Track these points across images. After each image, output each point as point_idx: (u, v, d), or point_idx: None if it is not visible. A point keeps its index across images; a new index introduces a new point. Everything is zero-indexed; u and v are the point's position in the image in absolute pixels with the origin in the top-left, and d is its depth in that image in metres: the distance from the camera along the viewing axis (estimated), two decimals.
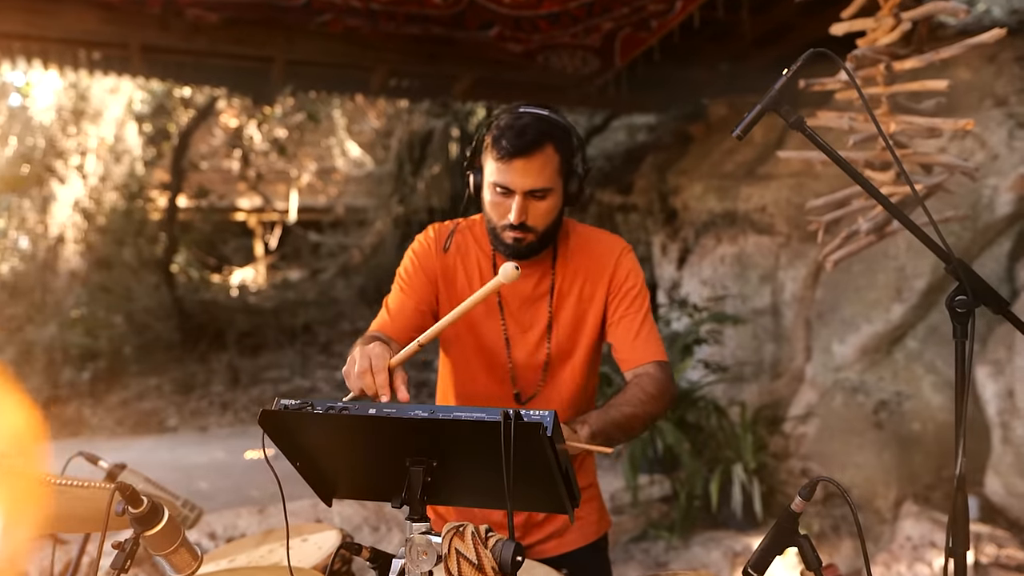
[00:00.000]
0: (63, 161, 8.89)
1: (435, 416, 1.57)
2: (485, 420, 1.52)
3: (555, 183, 1.94)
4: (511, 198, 1.93)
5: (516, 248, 1.99)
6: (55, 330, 8.60)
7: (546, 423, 1.53)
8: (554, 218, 1.99)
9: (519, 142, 1.88)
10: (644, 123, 9.62)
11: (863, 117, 2.94)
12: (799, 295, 5.77)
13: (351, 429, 1.69)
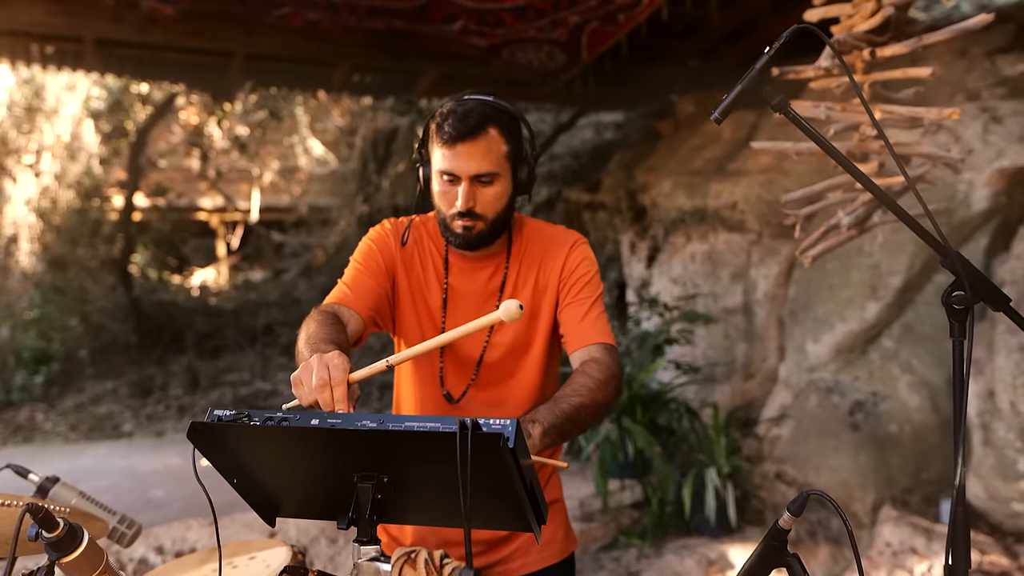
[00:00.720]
0: (16, 159, 8.62)
1: (384, 427, 1.46)
2: (440, 431, 1.41)
3: (502, 168, 1.89)
4: (458, 185, 1.88)
5: (466, 237, 1.93)
6: (7, 332, 8.33)
7: (507, 433, 1.42)
8: (504, 205, 1.93)
9: (461, 125, 1.84)
10: (612, 121, 9.54)
11: (840, 106, 2.82)
12: (771, 293, 5.67)
13: (292, 442, 1.58)
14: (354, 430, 1.42)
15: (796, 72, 2.86)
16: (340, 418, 1.45)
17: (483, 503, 1.52)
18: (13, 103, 8.49)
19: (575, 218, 8.40)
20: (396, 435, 1.40)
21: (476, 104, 1.88)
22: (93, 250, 8.82)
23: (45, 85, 8.77)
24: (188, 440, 1.48)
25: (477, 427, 1.41)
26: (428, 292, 2.05)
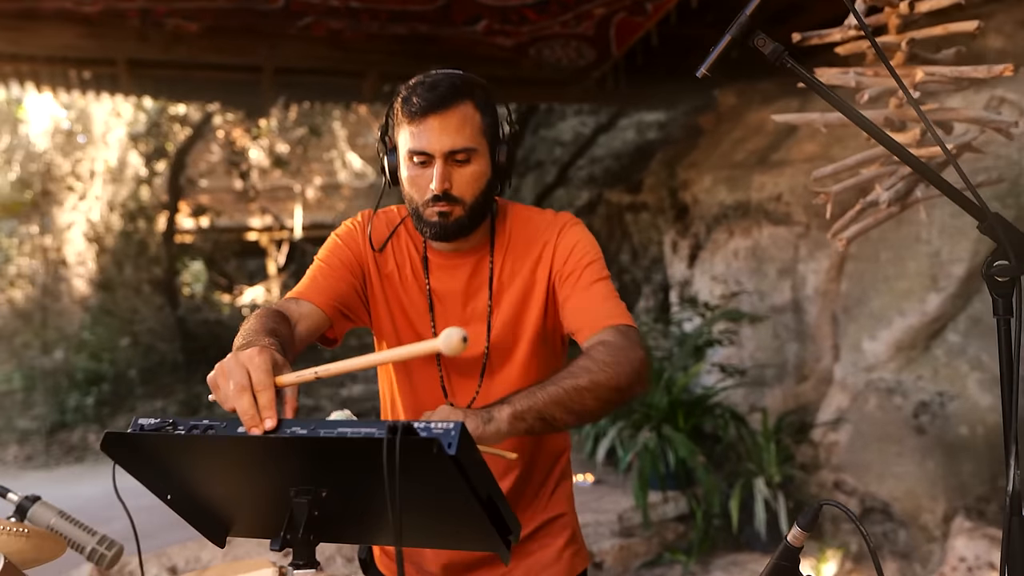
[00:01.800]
0: (63, 184, 8.77)
1: (315, 434, 1.27)
2: (374, 436, 1.23)
3: (479, 144, 1.68)
4: (430, 166, 1.66)
5: (443, 225, 1.69)
6: (62, 355, 8.45)
7: (447, 439, 1.23)
8: (483, 187, 1.71)
9: (431, 95, 1.63)
10: (655, 120, 9.29)
11: (872, 71, 2.54)
12: (822, 289, 5.33)
13: (222, 454, 1.43)
14: (281, 438, 1.28)
15: (820, 36, 2.59)
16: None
17: (440, 519, 1.37)
18: (59, 130, 8.66)
19: (617, 221, 8.17)
20: (327, 443, 1.24)
21: (446, 75, 1.69)
22: (139, 271, 8.90)
23: (89, 111, 8.91)
24: (103, 451, 1.34)
25: (411, 431, 1.23)
26: (406, 296, 1.84)
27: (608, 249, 8.44)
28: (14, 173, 8.75)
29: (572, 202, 9.65)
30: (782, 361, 5.43)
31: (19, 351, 8.49)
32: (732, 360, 5.38)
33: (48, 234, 8.87)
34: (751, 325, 5.38)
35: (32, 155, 8.77)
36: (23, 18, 5.32)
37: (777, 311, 5.48)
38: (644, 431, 4.60)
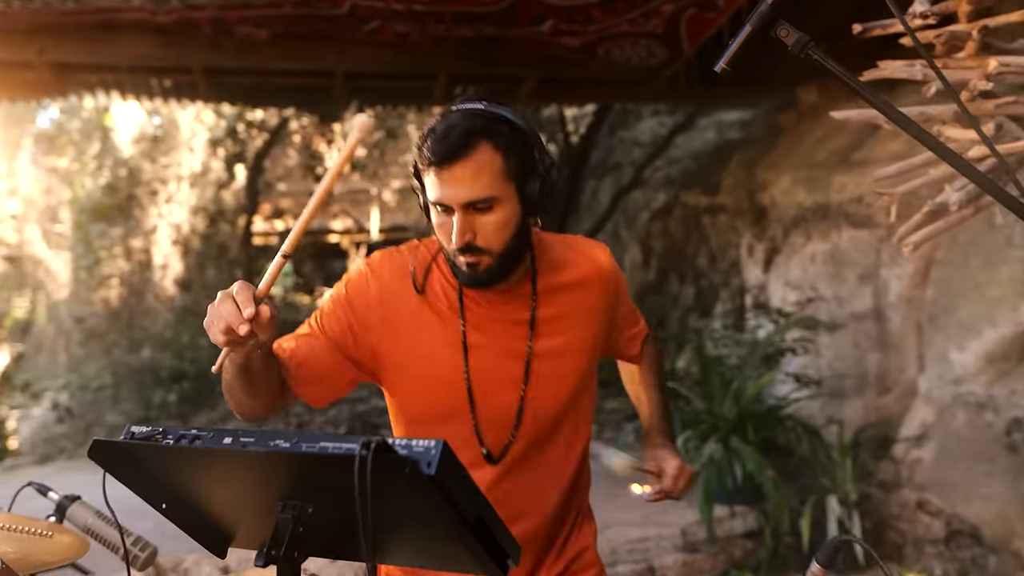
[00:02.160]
0: (149, 189, 9.08)
1: (295, 448, 1.22)
2: (350, 453, 1.15)
3: (501, 190, 1.55)
4: (452, 215, 1.56)
5: (472, 275, 1.61)
6: (148, 353, 8.74)
7: (426, 459, 1.16)
8: (512, 233, 1.59)
9: (442, 147, 1.52)
10: (736, 119, 9.01)
11: (942, 62, 2.36)
12: (906, 295, 5.05)
13: (211, 465, 1.40)
14: (259, 452, 1.24)
15: (884, 27, 2.42)
16: (254, 437, 1.26)
17: (424, 540, 1.33)
18: (144, 136, 8.97)
19: (694, 223, 7.96)
20: (304, 458, 1.20)
21: (460, 117, 1.55)
22: (220, 273, 9.13)
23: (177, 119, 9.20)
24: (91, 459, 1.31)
25: (387, 449, 1.16)
26: (436, 338, 1.69)
27: (685, 252, 8.23)
28: (104, 178, 9.10)
29: (648, 204, 9.46)
30: (862, 372, 5.15)
31: (109, 349, 8.80)
32: (808, 370, 5.13)
33: (135, 237, 9.19)
34: (829, 333, 5.13)
35: (120, 161, 9.09)
36: (102, 29, 5.48)
37: (857, 319, 5.21)
38: (711, 442, 4.42)
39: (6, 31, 5.31)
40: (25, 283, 9.64)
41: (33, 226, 9.22)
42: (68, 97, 6.70)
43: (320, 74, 6.60)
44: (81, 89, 6.49)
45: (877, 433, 4.81)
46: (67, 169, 9.41)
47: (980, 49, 2.33)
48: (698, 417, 4.63)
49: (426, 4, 5.29)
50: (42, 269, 9.32)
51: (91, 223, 9.12)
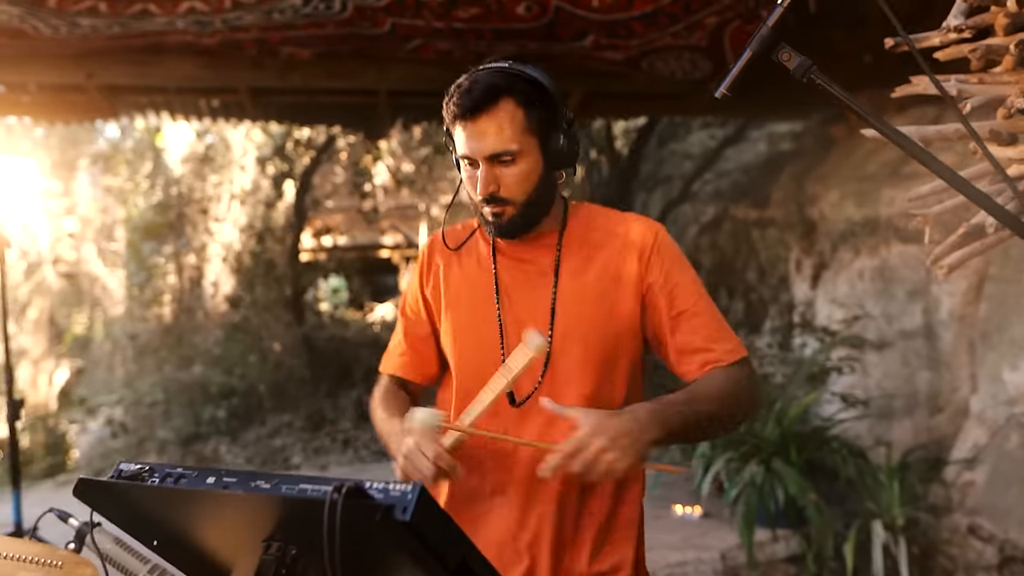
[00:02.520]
0: (199, 207, 9.25)
1: (274, 490, 1.23)
2: (316, 497, 1.16)
3: (523, 142, 1.66)
4: (478, 167, 1.68)
5: (497, 225, 1.72)
6: (199, 369, 8.87)
7: (402, 504, 1.15)
8: (535, 184, 1.69)
9: (466, 100, 1.64)
10: (788, 131, 8.83)
11: (976, 78, 2.26)
12: (959, 313, 4.87)
13: (197, 505, 1.40)
14: (234, 495, 1.23)
15: (917, 41, 2.33)
16: (236, 477, 1.24)
17: None
18: (194, 155, 9.15)
19: (744, 237, 7.82)
20: (283, 501, 1.18)
21: (485, 74, 1.67)
22: (269, 290, 9.25)
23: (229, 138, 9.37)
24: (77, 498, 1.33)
25: (359, 493, 1.14)
26: (476, 287, 1.82)
27: (734, 266, 8.09)
28: (156, 197, 9.30)
29: (697, 218, 9.33)
30: (912, 391, 4.99)
31: (161, 365, 8.97)
32: (856, 389, 4.99)
33: (186, 255, 9.37)
34: (878, 352, 4.98)
35: (171, 180, 9.29)
36: (149, 52, 5.58)
37: (907, 336, 5.04)
38: (752, 464, 4.31)
39: (56, 56, 5.45)
40: (83, 300, 9.90)
41: (90, 244, 9.47)
42: (119, 119, 6.87)
43: (364, 92, 6.65)
44: (131, 110, 6.63)
45: (927, 455, 4.65)
46: (121, 188, 9.65)
47: (1017, 64, 2.22)
48: (739, 438, 4.52)
49: (466, 21, 5.29)
50: (99, 286, 9.56)
51: (143, 241, 9.35)
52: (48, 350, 9.89)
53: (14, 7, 4.51)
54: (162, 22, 4.98)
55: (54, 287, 9.61)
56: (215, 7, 4.82)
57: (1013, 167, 2.23)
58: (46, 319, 9.87)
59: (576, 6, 5.07)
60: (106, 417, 8.61)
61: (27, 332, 9.67)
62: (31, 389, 9.39)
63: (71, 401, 9.45)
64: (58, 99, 6.21)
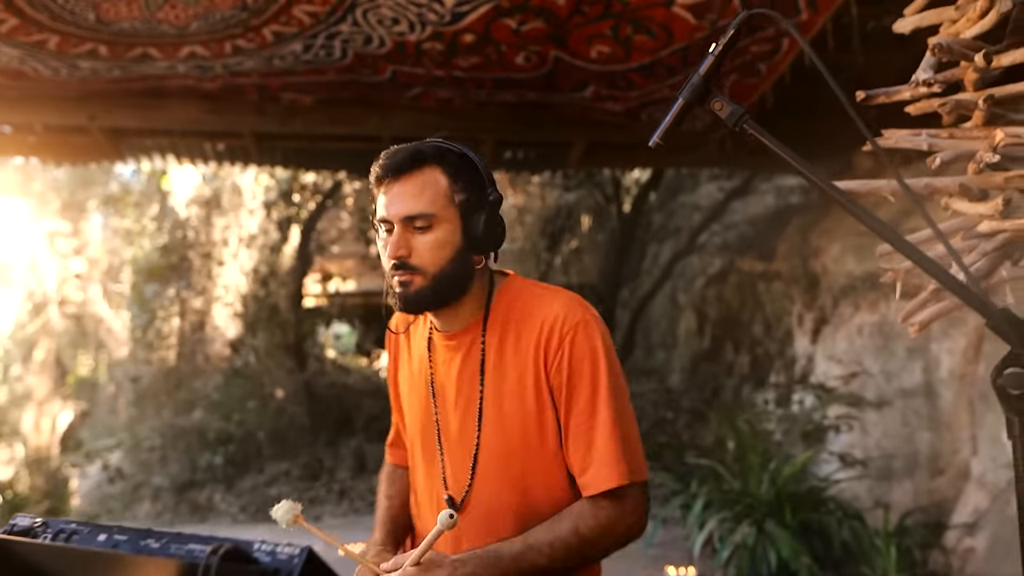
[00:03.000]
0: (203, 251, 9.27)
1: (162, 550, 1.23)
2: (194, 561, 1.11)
3: (443, 211, 1.59)
4: (392, 233, 1.61)
5: (404, 295, 1.60)
6: (199, 414, 8.81)
7: (287, 568, 1.11)
8: (448, 256, 1.60)
9: (390, 162, 1.64)
10: (797, 184, 8.79)
11: (947, 132, 2.21)
12: (959, 372, 4.75)
13: (90, 564, 1.32)
14: (123, 556, 1.18)
15: (888, 95, 2.29)
16: (127, 535, 1.21)
17: None
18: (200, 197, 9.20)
19: (749, 291, 7.74)
20: (166, 563, 1.14)
21: (416, 143, 1.67)
22: (271, 335, 9.21)
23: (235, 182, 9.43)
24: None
25: (241, 557, 1.09)
26: (416, 384, 1.79)
27: (740, 319, 8.00)
28: (161, 239, 9.35)
29: (705, 269, 9.28)
30: (912, 452, 4.84)
31: (160, 409, 8.92)
32: (855, 449, 4.85)
33: (188, 298, 9.38)
34: (877, 410, 4.85)
35: (177, 223, 9.34)
36: (151, 96, 5.63)
37: (906, 395, 4.92)
38: (744, 525, 4.18)
39: (57, 98, 5.51)
40: (88, 341, 9.91)
41: (96, 285, 9.51)
42: (125, 160, 6.91)
43: (367, 138, 6.66)
44: (137, 153, 6.69)
45: (926, 519, 4.49)
46: (128, 230, 9.71)
47: (987, 119, 2.17)
48: (733, 498, 4.40)
49: (466, 70, 5.30)
50: (103, 328, 9.57)
51: (146, 283, 9.36)
52: (53, 391, 9.87)
53: (14, 49, 4.57)
54: (163, 66, 5.02)
55: (60, 328, 9.61)
56: (216, 52, 4.87)
57: (984, 223, 2.17)
58: (52, 360, 9.87)
59: (575, 57, 5.08)
60: (103, 462, 8.54)
61: (33, 373, 9.66)
62: (34, 432, 9.34)
63: (72, 444, 9.41)
64: (63, 140, 6.28)
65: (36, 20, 4.31)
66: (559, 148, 6.93)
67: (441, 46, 4.84)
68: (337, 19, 4.57)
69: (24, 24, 4.34)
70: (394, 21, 4.56)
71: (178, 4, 4.29)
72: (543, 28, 4.62)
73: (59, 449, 9.49)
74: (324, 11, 4.45)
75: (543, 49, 4.94)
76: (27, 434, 8.96)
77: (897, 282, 2.27)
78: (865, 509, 4.55)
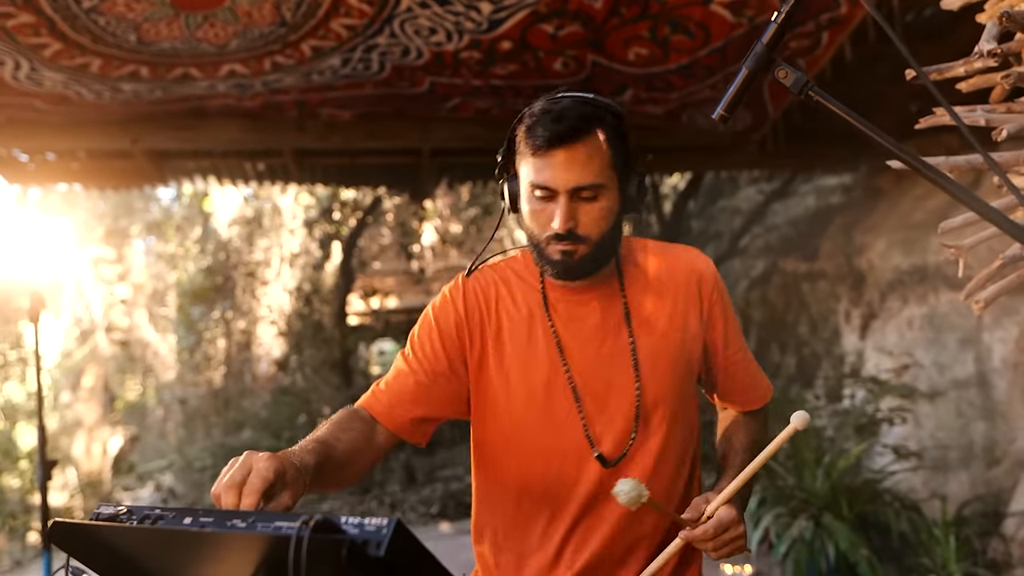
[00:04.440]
0: (247, 271, 9.40)
1: (250, 528, 1.18)
2: (287, 534, 1.09)
3: (608, 179, 1.55)
4: (554, 201, 1.54)
5: (566, 264, 1.57)
6: (248, 433, 8.89)
7: (376, 539, 1.10)
8: (610, 224, 1.58)
9: (558, 127, 1.51)
10: (838, 184, 8.72)
11: (1004, 107, 2.18)
12: (1012, 360, 4.66)
13: (176, 546, 1.35)
14: (218, 533, 1.18)
15: (940, 71, 2.26)
16: (212, 517, 1.21)
17: None
18: (243, 218, 9.34)
19: (794, 291, 7.68)
20: (259, 539, 1.14)
21: (574, 102, 1.55)
22: (317, 352, 9.27)
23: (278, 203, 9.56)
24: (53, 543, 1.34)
25: (330, 528, 1.09)
26: (525, 345, 1.66)
27: (785, 321, 7.93)
28: (205, 261, 9.50)
29: (747, 272, 9.21)
30: (967, 442, 4.77)
31: (210, 430, 9.03)
32: (909, 441, 4.79)
33: (233, 319, 9.50)
34: (930, 402, 4.78)
35: (220, 244, 9.49)
36: (192, 116, 5.74)
37: (959, 386, 4.84)
38: (801, 519, 4.14)
39: (101, 122, 5.63)
40: (135, 366, 10.07)
41: (141, 310, 9.67)
42: (167, 184, 7.05)
43: (407, 152, 6.71)
44: (179, 175, 6.81)
45: (984, 508, 4.41)
46: (172, 254, 9.87)
47: None
48: (788, 493, 4.36)
49: (503, 79, 5.34)
50: (150, 352, 9.72)
51: (192, 305, 9.51)
52: (102, 418, 10.04)
53: (58, 73, 4.68)
54: (203, 86, 5.13)
55: (107, 354, 9.78)
56: (255, 69, 4.96)
57: None
58: (100, 386, 10.05)
59: (612, 60, 5.10)
60: (156, 483, 8.65)
61: (82, 400, 9.84)
62: (85, 458, 9.50)
63: (124, 468, 9.54)
64: (106, 165, 6.40)
65: (79, 43, 4.41)
66: None
67: (479, 55, 4.88)
68: (375, 32, 4.63)
69: (67, 48, 4.45)
70: (431, 31, 4.61)
71: (217, 22, 4.37)
72: (580, 32, 4.65)
73: (111, 473, 9.66)
74: (362, 24, 4.52)
75: (580, 54, 4.97)
76: (79, 460, 9.11)
77: (960, 259, 2.24)
78: (921, 500, 4.48)
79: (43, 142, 5.93)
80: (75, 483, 8.66)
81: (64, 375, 9.57)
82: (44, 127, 5.68)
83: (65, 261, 5.28)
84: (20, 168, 6.29)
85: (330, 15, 4.41)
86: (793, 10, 1.41)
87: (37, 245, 5.29)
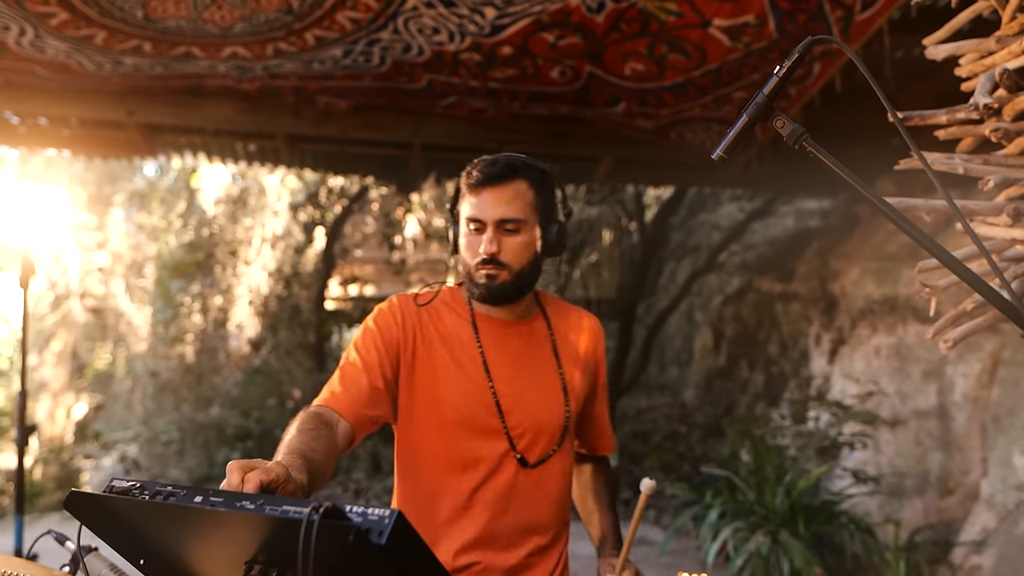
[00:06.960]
0: (228, 249, 9.38)
1: (258, 510, 1.23)
2: (297, 519, 1.17)
3: (529, 217, 1.85)
4: (483, 232, 1.83)
5: (488, 287, 1.85)
6: (217, 410, 8.89)
7: (378, 528, 1.16)
8: (530, 258, 1.87)
9: (489, 170, 1.85)
10: (817, 208, 8.89)
11: (982, 158, 2.30)
12: (972, 395, 4.83)
13: (184, 522, 1.41)
14: (218, 512, 1.24)
15: (923, 117, 2.37)
16: (222, 497, 1.26)
17: None
18: (228, 197, 9.32)
19: (766, 311, 7.82)
20: (266, 521, 1.20)
21: (507, 156, 1.90)
22: (292, 335, 9.31)
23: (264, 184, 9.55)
24: (68, 511, 1.34)
25: (337, 515, 1.16)
26: (459, 356, 1.92)
27: (756, 339, 8.08)
28: (187, 236, 9.47)
29: (723, 288, 9.36)
30: (923, 471, 4.93)
31: (179, 404, 9.01)
32: (868, 466, 4.94)
33: (213, 295, 9.49)
34: (891, 430, 4.94)
35: (204, 220, 9.47)
36: (189, 94, 5.75)
37: (920, 416, 5.00)
38: (758, 535, 4.27)
39: (97, 92, 5.62)
40: (107, 335, 10.01)
41: (119, 279, 9.63)
42: (157, 157, 7.03)
43: (398, 145, 6.78)
44: (169, 150, 6.79)
45: (935, 536, 4.58)
46: (154, 226, 9.83)
47: None
48: (748, 508, 4.48)
49: (501, 82, 5.42)
50: (124, 322, 9.68)
51: (171, 279, 9.49)
52: (68, 383, 9.97)
53: (62, 42, 4.68)
54: (204, 65, 5.14)
55: (80, 321, 9.72)
56: (257, 54, 4.99)
57: (1018, 246, 2.25)
58: (69, 352, 9.98)
59: (609, 73, 5.19)
60: (120, 454, 8.62)
61: (49, 364, 9.77)
62: (48, 422, 9.43)
63: (87, 436, 9.50)
64: (98, 135, 6.38)
65: (86, 15, 4.41)
66: (587, 162, 7.03)
67: (479, 57, 4.95)
68: (379, 26, 4.68)
69: (74, 18, 4.45)
70: (434, 31, 4.67)
71: (224, 5, 4.39)
72: (580, 44, 4.73)
73: (73, 440, 9.60)
74: (367, 18, 4.57)
75: (578, 64, 5.05)
76: (42, 424, 9.05)
77: (934, 299, 2.35)
78: (876, 524, 4.63)
79: (36, 107, 5.89)
80: (35, 448, 8.61)
81: (34, 338, 9.50)
82: (40, 92, 5.65)
83: (47, 226, 5.23)
84: (10, 129, 6.25)
85: (337, 7, 4.45)
86: (794, 66, 1.51)
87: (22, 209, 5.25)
